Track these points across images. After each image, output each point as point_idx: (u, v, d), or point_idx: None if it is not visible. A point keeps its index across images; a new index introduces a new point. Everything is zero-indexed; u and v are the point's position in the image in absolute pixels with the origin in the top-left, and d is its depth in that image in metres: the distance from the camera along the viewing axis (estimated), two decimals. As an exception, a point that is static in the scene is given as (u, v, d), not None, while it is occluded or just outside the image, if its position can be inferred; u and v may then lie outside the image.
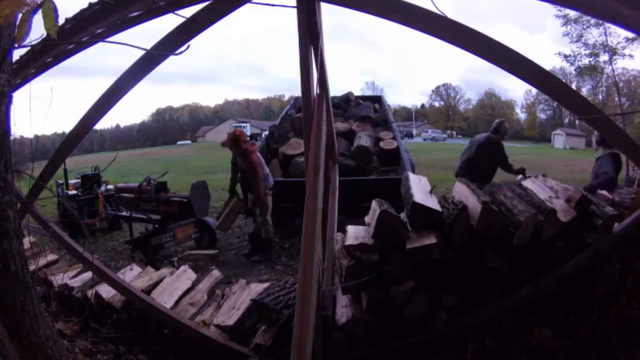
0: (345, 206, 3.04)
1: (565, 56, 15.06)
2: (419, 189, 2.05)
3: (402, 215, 1.99)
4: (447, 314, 1.90)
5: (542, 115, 58.53)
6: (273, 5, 1.68)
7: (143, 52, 1.95)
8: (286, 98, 69.30)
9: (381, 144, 6.26)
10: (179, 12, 1.65)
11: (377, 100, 9.21)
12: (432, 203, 1.92)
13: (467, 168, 4.77)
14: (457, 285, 1.88)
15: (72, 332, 2.84)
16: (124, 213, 6.22)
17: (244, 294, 2.58)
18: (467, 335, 1.95)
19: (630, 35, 12.05)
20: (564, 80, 1.96)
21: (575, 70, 15.80)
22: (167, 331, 2.59)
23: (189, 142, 58.20)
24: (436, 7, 1.62)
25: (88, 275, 3.26)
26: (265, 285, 2.59)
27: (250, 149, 4.90)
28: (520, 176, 3.69)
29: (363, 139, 6.13)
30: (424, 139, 43.09)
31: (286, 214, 5.96)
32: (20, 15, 0.96)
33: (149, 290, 2.82)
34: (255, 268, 4.68)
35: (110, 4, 1.91)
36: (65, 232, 3.55)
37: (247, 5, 1.84)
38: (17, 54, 1.96)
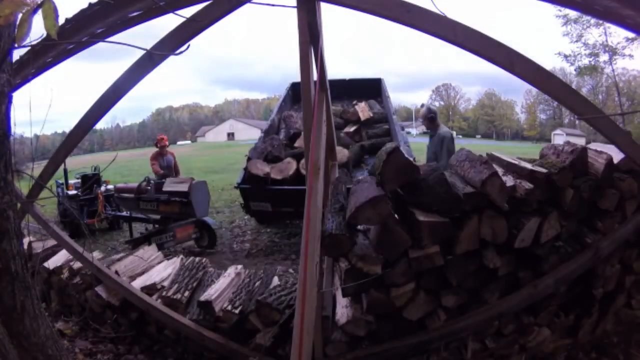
0: None
1: (565, 56, 15.06)
2: None
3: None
4: (447, 314, 1.90)
5: (542, 115, 58.51)
6: (273, 5, 1.68)
7: (143, 52, 1.96)
8: (286, 98, 68.86)
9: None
10: (179, 12, 1.65)
11: (377, 83, 7.92)
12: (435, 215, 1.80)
13: None
14: (457, 286, 1.88)
15: (72, 332, 2.84)
16: (124, 213, 6.22)
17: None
18: (467, 335, 1.95)
19: (630, 35, 12.05)
20: (564, 80, 1.95)
21: (575, 70, 15.79)
22: (167, 331, 2.59)
23: (188, 142, 58.19)
24: (436, 7, 1.62)
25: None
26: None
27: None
28: None
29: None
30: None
31: (286, 218, 5.95)
32: (20, 15, 0.96)
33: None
34: (252, 266, 4.68)
35: (110, 4, 1.91)
36: (65, 232, 3.55)
37: (247, 5, 1.84)
38: (17, 54, 1.96)
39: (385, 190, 1.76)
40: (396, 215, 1.85)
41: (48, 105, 2.04)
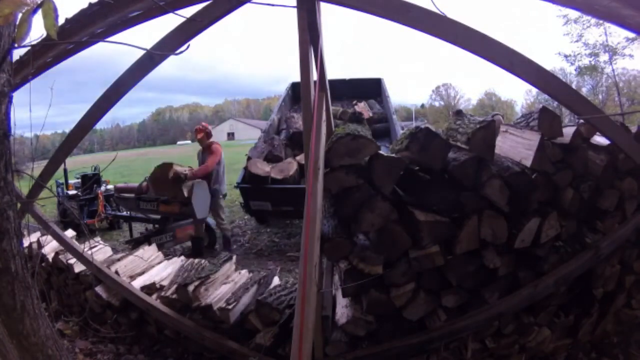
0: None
1: (566, 56, 15.05)
2: None
3: None
4: (447, 314, 1.90)
5: (542, 115, 58.23)
6: (273, 5, 1.68)
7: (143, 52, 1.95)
8: (286, 98, 68.97)
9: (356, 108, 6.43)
10: (179, 12, 1.65)
11: (377, 83, 7.96)
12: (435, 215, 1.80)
13: None
14: (457, 286, 1.88)
15: (72, 332, 2.84)
16: (124, 213, 6.22)
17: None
18: (467, 335, 1.95)
19: (631, 35, 12.04)
20: (564, 80, 1.95)
21: (575, 70, 15.79)
22: (167, 331, 2.59)
23: (189, 142, 58.16)
24: (436, 7, 1.62)
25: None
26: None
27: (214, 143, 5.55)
28: None
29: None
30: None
31: (286, 217, 5.96)
32: (20, 15, 0.96)
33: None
34: (252, 267, 4.68)
35: (110, 4, 1.91)
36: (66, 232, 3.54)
37: (247, 5, 1.84)
38: (17, 54, 1.96)
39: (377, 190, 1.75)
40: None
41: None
